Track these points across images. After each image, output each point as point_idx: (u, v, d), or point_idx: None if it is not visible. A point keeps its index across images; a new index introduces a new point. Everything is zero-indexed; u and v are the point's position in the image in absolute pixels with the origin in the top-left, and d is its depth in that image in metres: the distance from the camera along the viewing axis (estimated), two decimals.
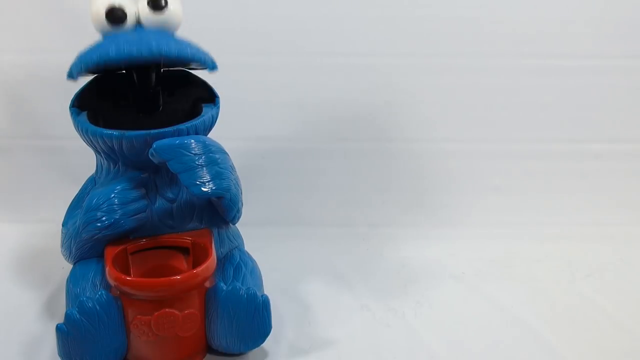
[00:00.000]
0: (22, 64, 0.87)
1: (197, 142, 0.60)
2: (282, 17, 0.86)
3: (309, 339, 0.67)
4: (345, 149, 0.91)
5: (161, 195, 0.65)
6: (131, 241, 0.63)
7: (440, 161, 0.92)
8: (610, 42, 0.89)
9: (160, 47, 0.59)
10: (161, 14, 0.62)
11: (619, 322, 0.70)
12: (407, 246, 0.86)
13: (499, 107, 0.90)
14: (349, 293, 0.76)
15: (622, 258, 0.84)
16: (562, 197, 0.92)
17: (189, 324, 0.60)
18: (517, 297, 0.75)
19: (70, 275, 0.65)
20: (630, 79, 0.90)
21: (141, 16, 0.62)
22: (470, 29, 0.87)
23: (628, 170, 0.93)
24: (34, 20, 0.85)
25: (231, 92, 0.72)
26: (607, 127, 0.92)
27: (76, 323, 0.57)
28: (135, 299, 0.59)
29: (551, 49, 0.89)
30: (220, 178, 0.60)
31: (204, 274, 0.60)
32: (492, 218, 0.91)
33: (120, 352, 0.61)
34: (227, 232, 0.69)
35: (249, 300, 0.60)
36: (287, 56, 0.88)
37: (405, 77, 0.89)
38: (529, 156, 0.92)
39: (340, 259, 0.83)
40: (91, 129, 0.62)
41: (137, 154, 0.62)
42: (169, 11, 0.62)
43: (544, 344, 0.66)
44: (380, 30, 0.87)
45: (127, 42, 0.58)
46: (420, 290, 0.76)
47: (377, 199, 0.92)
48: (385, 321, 0.70)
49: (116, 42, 0.58)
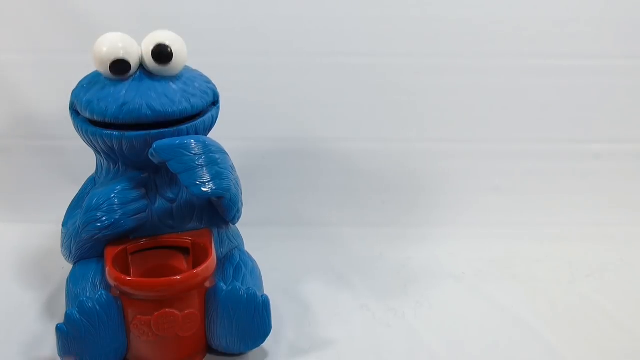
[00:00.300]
0: (23, 63, 0.87)
1: (197, 142, 0.60)
2: (282, 18, 0.86)
3: (309, 339, 0.67)
4: (345, 148, 0.91)
5: (161, 195, 0.65)
6: (131, 241, 0.63)
7: (440, 161, 0.92)
8: (610, 42, 0.89)
9: (164, 108, 0.60)
10: (165, 66, 0.62)
11: (619, 322, 0.70)
12: (407, 246, 0.86)
13: (498, 107, 0.90)
14: (348, 293, 0.76)
15: (622, 258, 0.84)
16: (562, 197, 0.92)
17: (189, 324, 0.60)
18: (517, 297, 0.75)
19: (70, 275, 0.65)
20: (630, 79, 0.90)
21: (145, 62, 0.62)
22: (470, 29, 0.87)
23: (628, 170, 0.93)
24: (34, 20, 0.85)
25: (231, 92, 0.72)
26: (607, 127, 0.92)
27: (76, 323, 0.57)
28: (135, 299, 0.59)
29: (551, 49, 0.88)
30: (220, 178, 0.60)
31: (204, 274, 0.60)
32: (492, 218, 0.91)
33: (120, 352, 0.61)
34: (227, 232, 0.69)
35: (249, 300, 0.60)
36: (287, 56, 0.88)
37: (404, 77, 0.89)
38: (529, 156, 0.92)
39: (340, 259, 0.83)
40: (91, 129, 0.62)
41: (137, 154, 0.62)
42: (173, 62, 0.61)
43: (544, 344, 0.66)
44: (379, 31, 0.87)
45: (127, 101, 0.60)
46: (420, 290, 0.76)
47: (376, 199, 0.92)
48: (385, 321, 0.70)
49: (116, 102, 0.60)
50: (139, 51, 0.61)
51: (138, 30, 0.63)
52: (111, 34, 0.61)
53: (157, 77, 0.62)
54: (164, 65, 0.61)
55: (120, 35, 0.61)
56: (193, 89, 0.63)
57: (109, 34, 0.61)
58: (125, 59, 0.60)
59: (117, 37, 0.61)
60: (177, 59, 0.61)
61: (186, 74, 0.64)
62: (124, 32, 0.62)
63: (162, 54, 0.61)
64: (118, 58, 0.60)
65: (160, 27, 0.64)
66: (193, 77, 0.64)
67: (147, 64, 0.62)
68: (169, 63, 0.61)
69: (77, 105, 0.63)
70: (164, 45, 0.61)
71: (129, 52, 0.60)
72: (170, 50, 0.61)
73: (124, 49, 0.60)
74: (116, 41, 0.61)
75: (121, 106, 0.59)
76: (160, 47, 0.61)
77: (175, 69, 0.62)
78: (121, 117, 0.59)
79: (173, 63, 0.61)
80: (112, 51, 0.60)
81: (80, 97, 0.62)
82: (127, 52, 0.60)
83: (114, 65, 0.60)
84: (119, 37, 0.61)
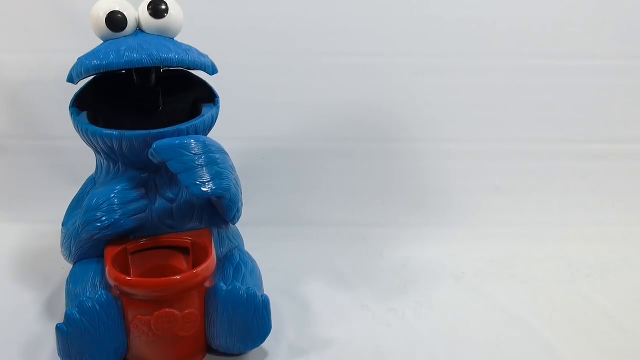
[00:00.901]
0: (23, 64, 0.87)
1: (197, 142, 0.60)
2: (282, 17, 0.86)
3: (309, 339, 0.67)
4: (345, 148, 0.91)
5: (161, 195, 0.65)
6: (131, 241, 0.63)
7: (440, 161, 0.92)
8: (610, 43, 0.89)
9: (160, 54, 0.59)
10: (162, 21, 0.62)
11: (619, 322, 0.70)
12: (407, 246, 0.86)
13: (499, 108, 0.90)
14: (349, 293, 0.76)
15: (622, 258, 0.84)
16: (562, 197, 0.92)
17: (189, 324, 0.60)
18: (517, 297, 0.75)
19: (70, 275, 0.65)
20: (630, 79, 0.90)
21: (142, 22, 0.63)
22: (471, 29, 0.87)
23: (628, 171, 0.93)
24: (34, 21, 0.85)
25: (231, 92, 0.72)
26: (607, 128, 0.92)
27: (76, 323, 0.57)
28: (135, 299, 0.59)
29: (551, 49, 0.89)
30: (220, 178, 0.60)
31: (204, 274, 0.60)
32: (492, 218, 0.91)
33: (120, 352, 0.61)
34: (227, 232, 0.69)
35: (249, 300, 0.60)
36: (287, 56, 0.88)
37: (405, 77, 0.89)
38: (529, 156, 0.92)
39: (340, 259, 0.83)
40: (91, 129, 0.62)
41: (137, 154, 0.62)
42: (169, 17, 0.63)
43: (544, 344, 0.66)
44: (380, 31, 0.87)
45: (127, 48, 0.59)
46: (420, 290, 0.76)
47: (377, 199, 0.92)
48: (385, 321, 0.70)
49: (116, 49, 0.59)
50: (136, 13, 0.63)
51: None
52: None
53: (155, 35, 0.63)
54: (159, 18, 0.62)
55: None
56: (189, 48, 0.63)
57: None
58: (121, 11, 0.62)
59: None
60: (172, 13, 0.63)
61: (184, 44, 0.64)
62: None
63: (157, 6, 0.62)
64: (114, 10, 0.61)
65: None
66: (190, 47, 0.64)
67: (144, 23, 0.63)
68: (165, 16, 0.62)
69: (76, 69, 0.61)
70: (160, 0, 0.62)
71: (124, 8, 0.62)
72: (165, 5, 0.62)
73: (119, 4, 0.62)
74: (111, 2, 0.62)
75: (120, 52, 0.59)
76: (156, 2, 0.62)
77: (172, 26, 0.63)
78: (121, 62, 0.58)
79: (169, 18, 0.63)
80: (108, 5, 0.62)
81: (79, 61, 0.61)
82: (123, 7, 0.62)
83: (110, 18, 0.61)
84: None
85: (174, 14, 0.63)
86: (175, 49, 0.61)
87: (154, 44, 0.60)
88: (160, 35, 0.63)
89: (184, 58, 0.61)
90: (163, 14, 0.62)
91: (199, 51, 0.65)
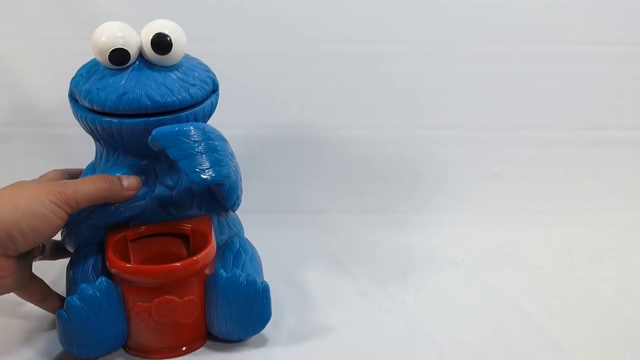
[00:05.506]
0: (22, 51, 0.86)
1: (196, 129, 0.60)
2: (283, 4, 0.86)
3: (308, 326, 0.67)
4: (344, 136, 0.91)
5: (161, 182, 0.65)
6: (131, 228, 0.63)
7: (439, 148, 0.91)
8: (612, 29, 0.88)
9: (164, 99, 0.60)
10: (165, 56, 0.61)
11: (619, 309, 0.71)
12: (406, 233, 0.86)
13: (498, 94, 0.90)
14: (348, 280, 0.76)
15: (622, 245, 0.84)
16: (561, 184, 0.92)
17: (189, 311, 0.60)
18: (517, 284, 0.75)
19: (70, 262, 0.65)
20: (631, 65, 0.90)
21: (144, 51, 0.61)
22: (469, 15, 0.87)
23: (628, 157, 0.92)
24: (33, 8, 0.85)
25: (230, 79, 0.72)
26: (607, 114, 0.91)
27: (77, 310, 0.58)
28: (135, 286, 0.59)
29: (552, 35, 0.88)
30: (219, 165, 0.60)
31: (204, 261, 0.60)
32: (492, 205, 0.91)
33: (121, 338, 0.61)
34: (227, 219, 0.69)
35: (248, 287, 0.61)
36: (287, 43, 0.87)
37: (404, 65, 0.88)
38: (528, 143, 0.91)
39: (339, 246, 0.83)
40: (90, 116, 0.62)
41: (137, 141, 0.62)
42: (172, 52, 0.61)
43: (543, 330, 0.67)
44: (378, 17, 0.87)
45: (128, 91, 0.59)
46: (419, 277, 0.76)
47: (376, 186, 0.92)
48: (384, 308, 0.71)
49: (116, 92, 0.59)
50: (138, 40, 0.61)
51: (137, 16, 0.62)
52: (110, 23, 0.61)
53: (156, 66, 0.62)
54: (163, 54, 0.61)
55: (119, 25, 0.61)
56: (192, 79, 0.63)
57: (108, 23, 0.61)
58: (124, 48, 0.60)
59: (116, 26, 0.60)
60: (176, 48, 0.61)
61: (186, 63, 0.64)
62: (123, 19, 0.62)
63: (162, 43, 0.60)
64: (117, 47, 0.60)
65: (160, 13, 0.63)
66: (192, 66, 0.64)
67: (147, 53, 0.61)
68: (169, 53, 0.61)
69: (76, 94, 0.62)
70: (164, 34, 0.60)
71: (128, 42, 0.60)
72: (169, 40, 0.60)
73: (123, 38, 0.60)
74: (115, 30, 0.60)
75: (120, 96, 0.59)
76: (160, 36, 0.60)
77: (175, 59, 0.62)
78: (120, 107, 0.59)
79: (172, 52, 0.61)
80: (111, 40, 0.59)
81: (79, 86, 0.62)
82: (126, 42, 0.60)
83: (113, 55, 0.60)
84: (118, 27, 0.60)
85: (177, 47, 0.61)
86: (178, 88, 0.61)
87: (156, 87, 0.60)
88: (163, 65, 0.62)
89: (186, 98, 0.61)
90: (167, 50, 0.60)
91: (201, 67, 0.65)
